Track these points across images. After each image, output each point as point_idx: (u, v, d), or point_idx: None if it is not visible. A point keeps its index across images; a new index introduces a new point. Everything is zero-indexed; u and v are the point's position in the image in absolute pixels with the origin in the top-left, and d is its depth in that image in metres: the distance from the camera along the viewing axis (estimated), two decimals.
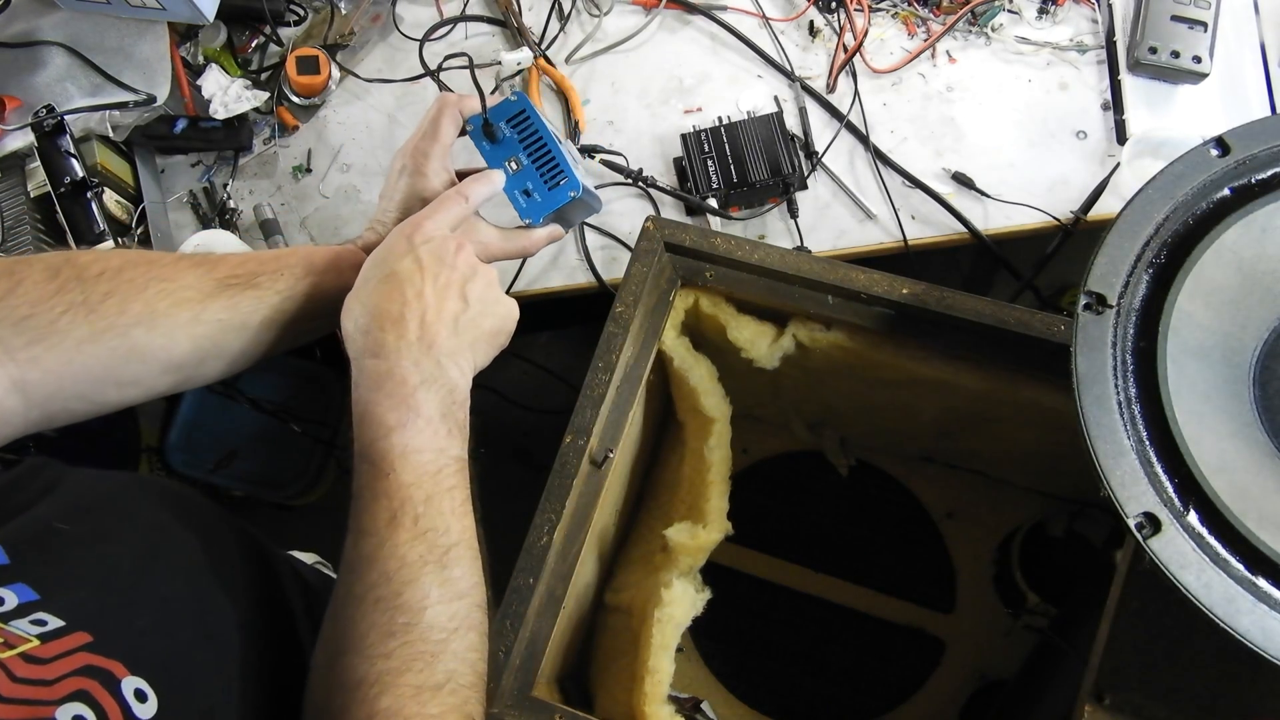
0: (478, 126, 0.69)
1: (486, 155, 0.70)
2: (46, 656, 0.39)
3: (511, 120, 0.69)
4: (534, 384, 1.67)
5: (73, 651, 0.40)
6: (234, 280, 0.60)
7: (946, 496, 1.24)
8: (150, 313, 0.56)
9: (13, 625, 0.40)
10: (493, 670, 0.76)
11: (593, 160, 1.03)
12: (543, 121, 0.68)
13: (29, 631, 0.40)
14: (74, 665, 0.39)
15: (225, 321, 0.59)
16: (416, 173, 0.68)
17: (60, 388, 0.54)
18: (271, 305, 0.61)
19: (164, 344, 0.57)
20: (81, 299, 0.54)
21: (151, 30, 1.04)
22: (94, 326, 0.54)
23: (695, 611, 0.92)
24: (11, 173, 1.00)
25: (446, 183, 0.68)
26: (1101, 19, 1.03)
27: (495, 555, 0.89)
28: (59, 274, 0.55)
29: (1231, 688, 0.68)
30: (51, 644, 0.40)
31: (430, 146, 0.68)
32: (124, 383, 0.56)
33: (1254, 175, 0.64)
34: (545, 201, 0.69)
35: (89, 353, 0.54)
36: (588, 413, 0.81)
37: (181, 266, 0.59)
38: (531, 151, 0.68)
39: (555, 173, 0.68)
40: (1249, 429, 0.61)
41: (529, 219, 0.70)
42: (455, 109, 0.69)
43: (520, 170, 0.69)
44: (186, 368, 0.59)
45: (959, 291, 0.80)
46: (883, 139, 1.02)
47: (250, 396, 1.42)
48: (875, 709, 1.20)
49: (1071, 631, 1.00)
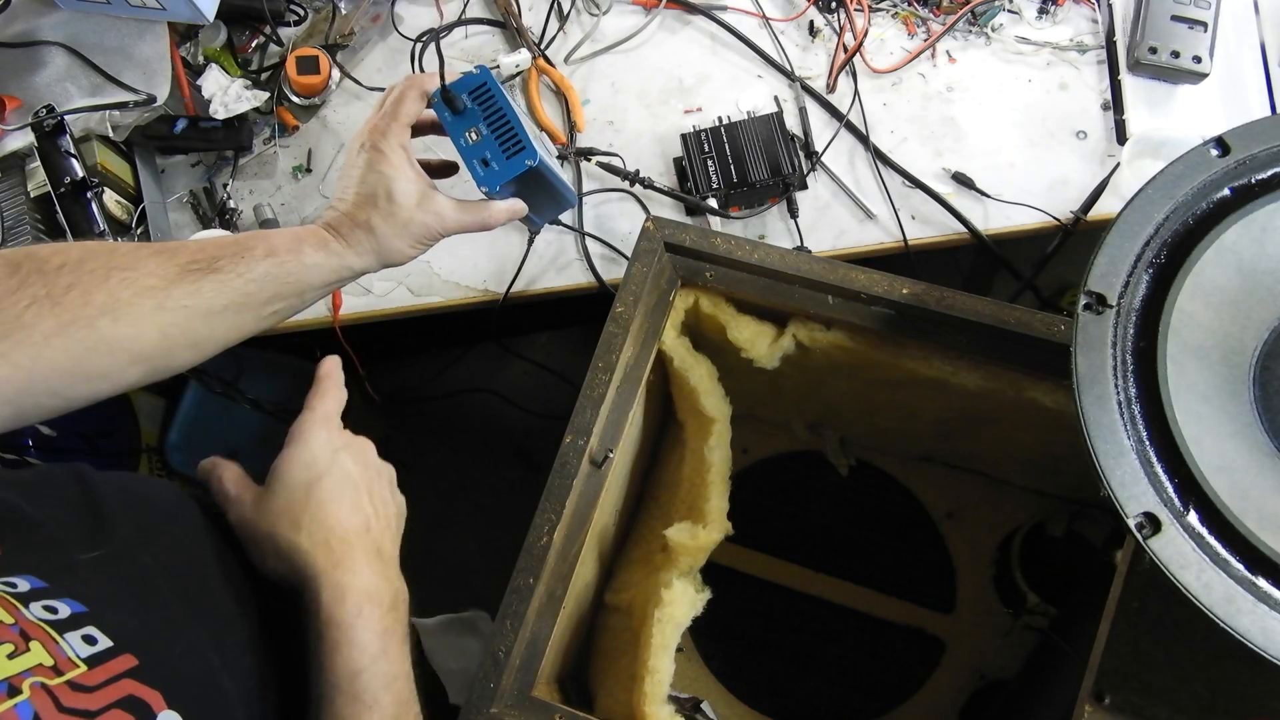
0: (439, 97, 0.69)
1: (448, 125, 0.70)
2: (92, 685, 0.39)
3: (474, 93, 0.69)
4: (534, 384, 1.67)
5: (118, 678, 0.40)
6: (195, 265, 0.59)
7: (946, 496, 1.24)
8: (114, 302, 0.55)
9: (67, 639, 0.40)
10: (493, 670, 0.76)
11: (589, 163, 1.03)
12: (504, 94, 0.69)
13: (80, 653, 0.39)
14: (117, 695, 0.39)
15: (190, 308, 0.58)
16: (374, 149, 0.68)
17: (30, 384, 0.53)
18: (235, 288, 0.60)
19: (131, 334, 0.56)
20: (45, 292, 0.53)
21: (151, 30, 1.04)
22: (59, 319, 0.53)
23: (695, 611, 0.92)
24: (11, 173, 1.00)
25: (403, 161, 0.68)
26: (1101, 19, 1.03)
27: (495, 555, 0.89)
28: (20, 268, 0.54)
29: (1231, 688, 0.68)
30: (98, 670, 0.40)
31: (389, 125, 0.68)
32: (93, 376, 0.56)
33: (1254, 175, 0.64)
34: (503, 170, 0.69)
35: (57, 346, 0.53)
36: (588, 413, 0.81)
37: (142, 255, 0.58)
38: (491, 122, 0.69)
39: (514, 142, 0.68)
40: (1249, 429, 0.61)
41: (485, 187, 0.70)
42: (419, 88, 0.69)
43: (480, 140, 0.69)
44: (155, 358, 0.58)
45: (959, 291, 0.80)
46: (883, 139, 1.02)
47: (250, 397, 1.42)
48: (875, 709, 1.20)
49: (1071, 631, 1.00)
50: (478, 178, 0.70)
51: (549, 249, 1.03)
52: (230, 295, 0.60)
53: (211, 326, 0.60)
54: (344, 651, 0.53)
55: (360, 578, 0.56)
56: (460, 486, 1.59)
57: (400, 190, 0.67)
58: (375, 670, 0.53)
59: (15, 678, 0.37)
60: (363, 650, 0.53)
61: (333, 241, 0.67)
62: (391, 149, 0.68)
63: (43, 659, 0.38)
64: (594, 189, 1.04)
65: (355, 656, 0.53)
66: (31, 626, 0.39)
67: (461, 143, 0.70)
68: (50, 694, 0.37)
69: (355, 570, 0.56)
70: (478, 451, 1.67)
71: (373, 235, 0.68)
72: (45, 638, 0.39)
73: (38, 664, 0.38)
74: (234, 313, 0.61)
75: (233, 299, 0.60)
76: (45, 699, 0.37)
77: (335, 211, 0.68)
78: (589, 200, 1.04)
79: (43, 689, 0.37)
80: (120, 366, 0.57)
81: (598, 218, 1.03)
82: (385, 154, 0.67)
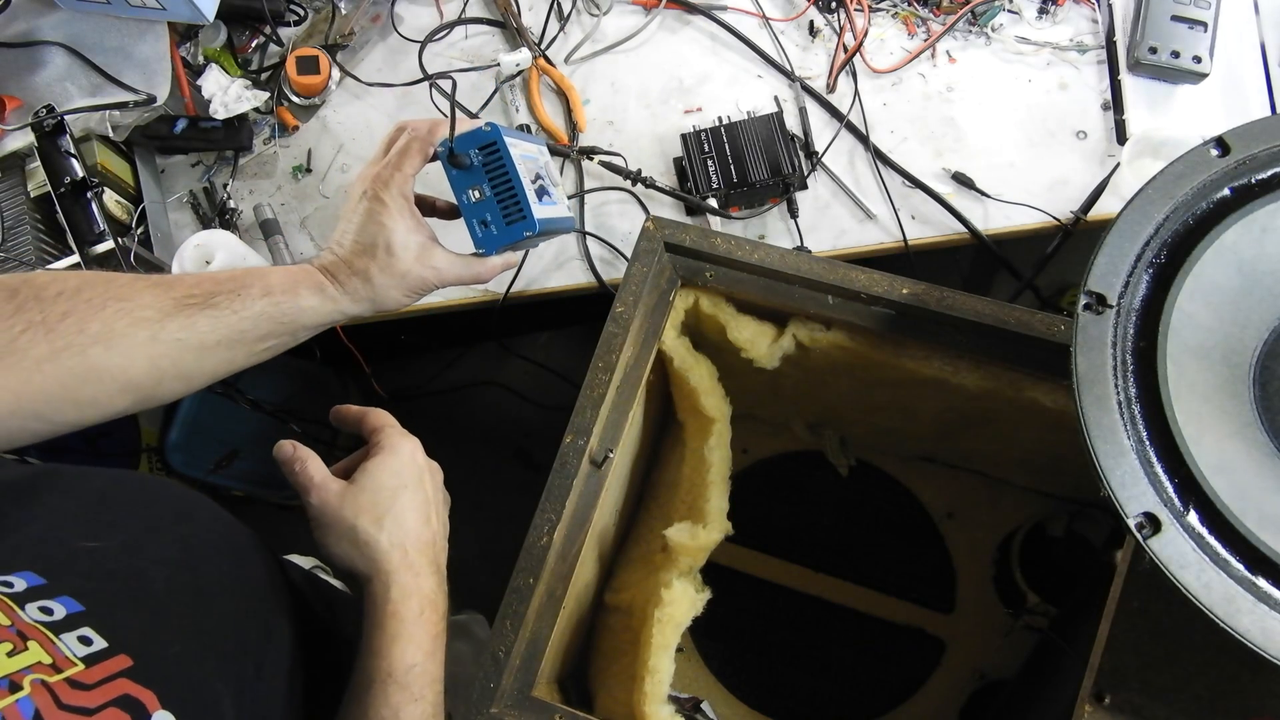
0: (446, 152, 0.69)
1: (452, 180, 0.70)
2: (90, 683, 0.39)
3: (483, 149, 0.69)
4: (534, 384, 1.67)
5: (114, 677, 0.40)
6: (191, 300, 0.60)
7: (946, 496, 1.25)
8: (108, 332, 0.56)
9: (63, 639, 0.40)
10: (493, 670, 0.76)
11: (591, 161, 1.03)
12: (510, 155, 0.68)
13: (76, 653, 0.40)
14: (113, 694, 0.40)
15: (183, 341, 0.60)
16: (375, 199, 0.68)
17: (19, 406, 0.54)
18: (229, 325, 0.61)
19: (121, 364, 0.57)
20: (40, 318, 0.55)
21: (151, 30, 1.04)
22: (52, 345, 0.54)
23: (695, 611, 0.92)
24: (11, 173, 1.00)
25: (405, 212, 0.69)
26: (1101, 19, 1.03)
27: (495, 555, 0.89)
28: (17, 294, 0.55)
29: (1231, 688, 0.68)
30: (95, 669, 0.40)
31: (391, 175, 0.68)
32: (82, 403, 0.57)
33: (1254, 175, 0.64)
34: (500, 235, 0.69)
35: (47, 372, 0.54)
36: (588, 413, 0.81)
37: (139, 287, 0.59)
38: (495, 183, 0.68)
39: (515, 209, 0.68)
40: (1249, 429, 0.61)
41: (482, 249, 0.71)
42: (425, 141, 0.70)
43: (482, 200, 0.69)
44: (144, 388, 0.59)
45: (959, 291, 0.80)
46: (883, 139, 1.02)
47: (250, 397, 1.42)
48: (875, 709, 1.20)
49: (1071, 631, 1.00)
50: (475, 238, 0.70)
51: (549, 249, 1.03)
52: (224, 331, 0.61)
53: (202, 361, 0.61)
54: (402, 645, 0.57)
55: (425, 583, 0.60)
56: (460, 486, 1.59)
57: (399, 243, 0.68)
58: (427, 667, 0.58)
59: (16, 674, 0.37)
60: (419, 647, 0.58)
61: (329, 286, 0.68)
62: (393, 199, 0.68)
63: (41, 657, 0.38)
64: (594, 187, 1.04)
65: (412, 651, 0.58)
66: (28, 628, 0.39)
67: (464, 199, 0.70)
68: (50, 690, 0.37)
69: (422, 576, 0.60)
70: (478, 452, 1.67)
71: (369, 284, 0.69)
72: (42, 638, 0.39)
73: (36, 662, 0.38)
74: (226, 348, 0.62)
75: (226, 335, 0.62)
76: (45, 695, 0.37)
77: (333, 255, 0.69)
78: (589, 200, 1.04)
79: (43, 686, 0.37)
80: (109, 395, 0.58)
81: (598, 218, 1.03)
82: (387, 205, 0.68)
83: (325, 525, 0.60)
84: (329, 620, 0.67)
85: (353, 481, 0.62)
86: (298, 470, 0.62)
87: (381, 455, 0.63)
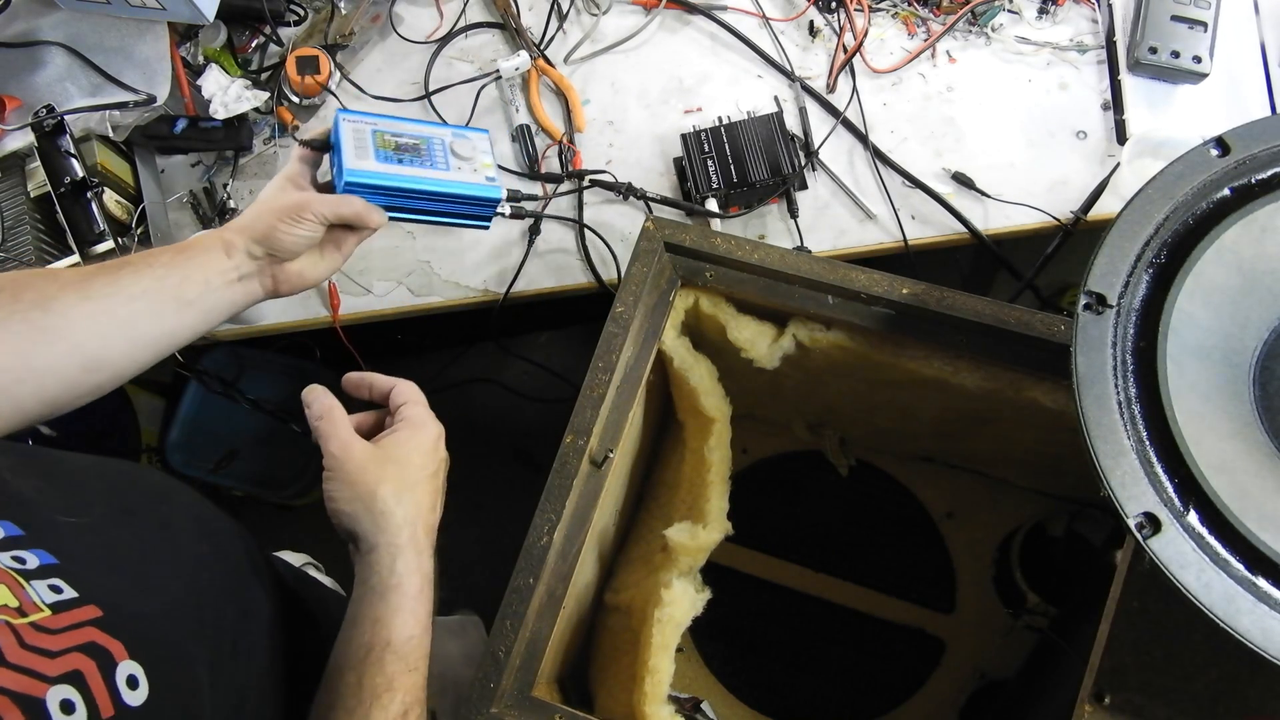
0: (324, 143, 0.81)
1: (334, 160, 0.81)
2: (55, 627, 0.40)
3: None
4: (534, 384, 1.67)
5: (81, 625, 0.41)
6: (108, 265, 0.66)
7: (946, 496, 1.25)
8: (41, 297, 0.61)
9: (33, 585, 0.41)
10: (493, 670, 0.76)
11: (587, 186, 1.03)
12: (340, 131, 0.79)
13: (45, 599, 0.41)
14: (79, 640, 0.40)
15: (112, 295, 0.64)
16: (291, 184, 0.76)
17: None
18: (147, 275, 0.66)
19: (61, 324, 0.61)
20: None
21: (151, 30, 1.04)
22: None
23: (695, 611, 0.92)
24: (11, 173, 1.00)
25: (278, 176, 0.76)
26: (1101, 19, 1.03)
27: (495, 555, 0.89)
28: None
29: (1231, 688, 0.68)
30: (62, 615, 0.41)
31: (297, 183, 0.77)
32: (39, 369, 0.59)
33: (1254, 175, 0.64)
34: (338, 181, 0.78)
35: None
36: (588, 413, 0.81)
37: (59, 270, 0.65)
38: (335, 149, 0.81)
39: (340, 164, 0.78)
40: (1249, 429, 0.61)
41: None
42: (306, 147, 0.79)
43: None
44: (91, 350, 0.62)
45: (959, 291, 0.80)
46: (883, 139, 1.02)
47: (250, 397, 1.42)
48: (875, 709, 1.21)
49: (1071, 631, 1.00)
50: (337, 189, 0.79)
51: (549, 249, 1.03)
52: (144, 282, 0.66)
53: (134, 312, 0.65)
54: (403, 617, 0.60)
55: (426, 564, 0.63)
56: (460, 486, 1.59)
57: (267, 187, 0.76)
58: (423, 641, 0.61)
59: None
60: (419, 621, 0.61)
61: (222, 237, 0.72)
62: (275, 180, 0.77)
63: (8, 600, 0.39)
64: (590, 200, 1.03)
65: (412, 624, 0.60)
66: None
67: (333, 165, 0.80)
68: (14, 631, 0.38)
69: (424, 556, 0.63)
70: (478, 452, 1.67)
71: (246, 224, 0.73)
72: (11, 582, 0.40)
73: (3, 604, 0.39)
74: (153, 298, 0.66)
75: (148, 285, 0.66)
76: (9, 635, 0.38)
77: None
78: (589, 199, 1.04)
79: (7, 626, 0.38)
80: (62, 360, 0.61)
81: (598, 218, 1.03)
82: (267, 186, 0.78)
83: (341, 480, 0.62)
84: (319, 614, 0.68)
85: (380, 447, 0.64)
86: (324, 418, 0.65)
87: (412, 430, 0.66)
